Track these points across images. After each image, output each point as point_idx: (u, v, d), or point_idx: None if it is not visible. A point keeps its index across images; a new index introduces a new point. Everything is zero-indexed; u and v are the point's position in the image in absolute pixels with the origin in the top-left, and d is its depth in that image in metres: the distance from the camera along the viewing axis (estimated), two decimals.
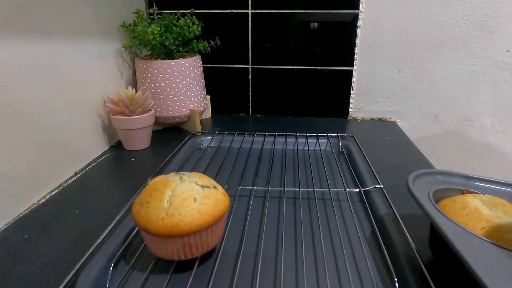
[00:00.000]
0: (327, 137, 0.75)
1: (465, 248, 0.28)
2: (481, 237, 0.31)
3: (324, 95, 0.93)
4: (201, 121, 0.91)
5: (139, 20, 0.77)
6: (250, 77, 0.94)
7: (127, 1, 0.82)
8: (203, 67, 0.87)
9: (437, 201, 0.40)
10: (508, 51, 0.83)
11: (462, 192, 0.42)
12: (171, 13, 0.78)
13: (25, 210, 0.51)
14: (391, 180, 0.59)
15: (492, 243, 0.31)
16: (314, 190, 0.53)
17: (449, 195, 0.41)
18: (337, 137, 0.74)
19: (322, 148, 0.73)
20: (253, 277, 0.37)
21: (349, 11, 0.85)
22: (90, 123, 0.68)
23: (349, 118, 0.95)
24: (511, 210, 0.36)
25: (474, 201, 0.37)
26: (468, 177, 0.44)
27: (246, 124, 0.90)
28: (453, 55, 0.85)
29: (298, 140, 0.75)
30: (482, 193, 0.41)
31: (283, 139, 0.75)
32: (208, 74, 0.94)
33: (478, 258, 0.27)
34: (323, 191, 0.55)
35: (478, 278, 0.25)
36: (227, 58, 0.93)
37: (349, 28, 0.86)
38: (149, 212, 0.35)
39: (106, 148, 0.74)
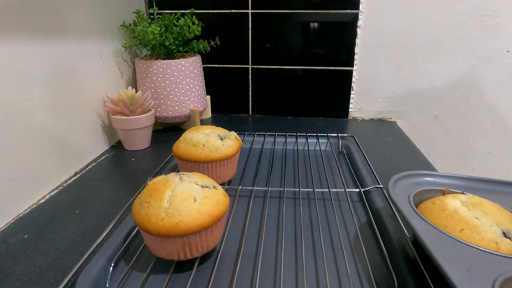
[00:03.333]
0: (327, 137, 0.75)
1: (442, 253, 0.28)
2: (460, 240, 0.31)
3: (324, 95, 0.93)
4: (201, 121, 0.91)
5: (139, 20, 0.77)
6: (250, 77, 0.94)
7: (127, 1, 0.82)
8: (203, 67, 0.87)
9: (418, 203, 0.40)
10: (508, 51, 0.83)
11: (443, 193, 0.42)
12: (171, 13, 0.78)
13: (25, 210, 0.51)
14: None
15: (471, 246, 0.31)
16: (314, 190, 0.53)
17: (430, 196, 0.41)
18: (337, 137, 0.74)
19: (322, 148, 0.73)
20: (253, 277, 0.37)
21: (349, 11, 0.85)
22: (90, 123, 0.68)
23: (349, 118, 0.95)
24: (489, 209, 0.36)
25: (453, 203, 0.37)
26: (449, 177, 0.45)
27: (246, 124, 0.90)
28: (453, 55, 0.85)
29: (298, 140, 0.75)
30: (462, 193, 0.41)
31: (283, 139, 0.75)
32: (208, 74, 0.94)
33: (455, 262, 0.27)
34: (323, 191, 0.55)
35: (453, 284, 0.25)
36: (227, 58, 0.93)
37: (349, 28, 0.86)
38: (149, 212, 0.35)
39: (106, 148, 0.74)
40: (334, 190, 0.55)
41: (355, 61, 0.89)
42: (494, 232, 0.33)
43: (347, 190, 0.54)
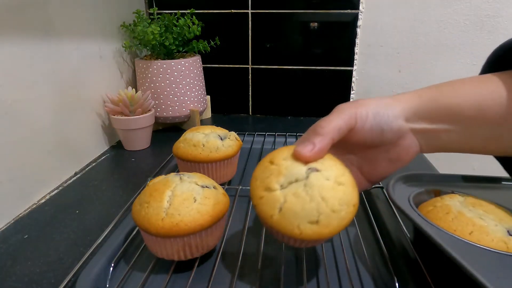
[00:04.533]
0: None
1: (473, 263, 0.28)
2: (480, 246, 0.31)
3: (324, 95, 0.93)
4: (201, 121, 0.91)
5: (139, 20, 0.77)
6: (250, 77, 0.94)
7: (127, 1, 0.82)
8: (203, 67, 0.87)
9: (418, 204, 0.40)
10: None
11: (434, 193, 0.42)
12: (171, 13, 0.78)
13: (25, 210, 0.51)
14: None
15: (492, 250, 0.30)
16: None
17: (426, 198, 0.41)
18: None
19: None
20: (253, 277, 0.37)
21: (349, 11, 0.85)
22: (90, 123, 0.68)
23: None
24: (489, 208, 0.36)
25: (454, 204, 0.37)
26: (439, 176, 0.45)
27: (246, 124, 0.90)
28: (453, 55, 0.85)
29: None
30: (452, 192, 0.41)
31: (283, 139, 0.75)
32: (208, 74, 0.94)
33: (485, 270, 0.27)
34: None
35: None
36: (227, 58, 0.93)
37: (349, 28, 0.86)
38: (149, 212, 0.35)
39: (106, 148, 0.74)
40: None
41: (355, 61, 0.89)
42: (500, 231, 0.33)
43: None
